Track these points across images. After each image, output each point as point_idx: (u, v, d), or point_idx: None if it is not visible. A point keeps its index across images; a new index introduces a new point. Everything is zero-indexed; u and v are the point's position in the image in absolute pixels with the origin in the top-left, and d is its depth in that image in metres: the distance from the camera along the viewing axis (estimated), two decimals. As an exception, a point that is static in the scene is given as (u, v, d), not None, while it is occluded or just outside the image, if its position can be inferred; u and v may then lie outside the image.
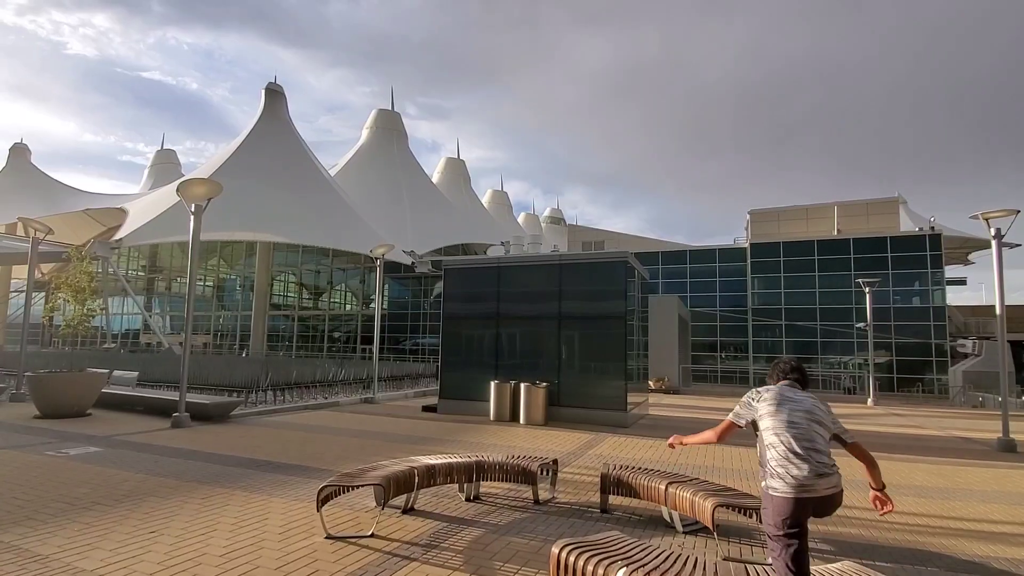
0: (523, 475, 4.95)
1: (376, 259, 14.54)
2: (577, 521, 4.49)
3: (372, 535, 3.92)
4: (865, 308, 18.58)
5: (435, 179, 56.51)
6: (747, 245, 30.45)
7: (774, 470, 2.74)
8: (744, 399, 3.01)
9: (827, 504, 2.73)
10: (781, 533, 2.67)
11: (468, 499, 5.02)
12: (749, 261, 29.68)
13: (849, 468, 6.60)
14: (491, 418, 10.61)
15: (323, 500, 3.88)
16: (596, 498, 4.96)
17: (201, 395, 11.05)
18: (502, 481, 5.02)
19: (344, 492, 4.16)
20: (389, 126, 51.33)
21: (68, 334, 11.19)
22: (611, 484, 4.80)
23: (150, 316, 43.61)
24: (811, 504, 2.67)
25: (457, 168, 60.54)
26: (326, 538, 3.82)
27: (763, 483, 2.84)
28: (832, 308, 27.68)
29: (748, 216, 33.65)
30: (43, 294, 11.89)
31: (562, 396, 10.64)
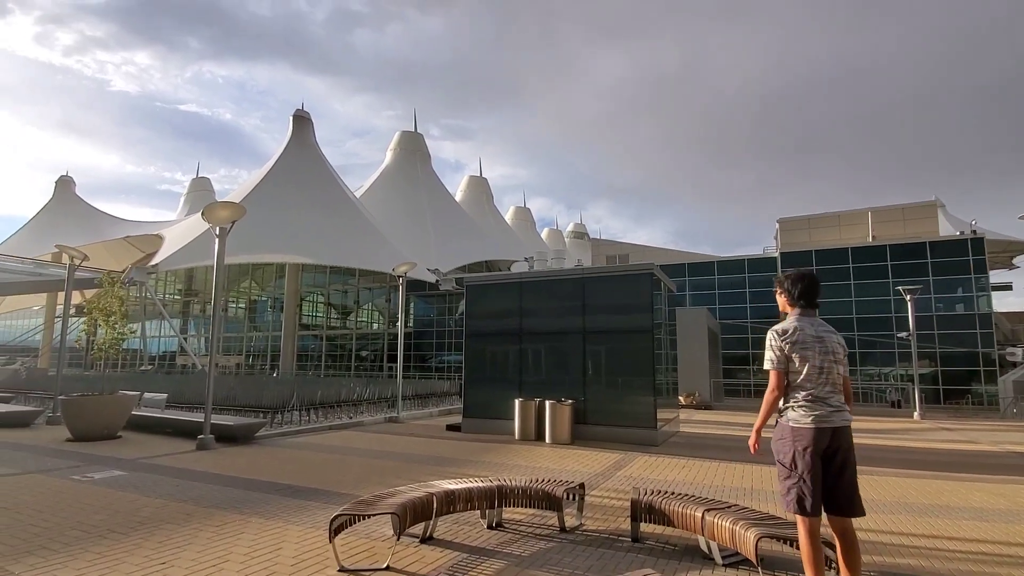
0: (547, 500, 4.69)
1: (399, 277, 14.52)
2: (607, 552, 4.21)
3: (387, 568, 3.72)
4: (906, 316, 17.73)
5: (458, 198, 56.99)
6: (777, 254, 29.62)
7: (797, 407, 3.01)
8: (771, 342, 3.12)
9: (841, 434, 2.98)
10: (799, 459, 2.92)
11: (490, 526, 4.77)
12: (780, 271, 28.83)
13: (899, 491, 6.13)
14: (516, 437, 10.34)
15: (336, 530, 3.71)
16: (627, 525, 4.66)
17: (228, 416, 11.08)
18: (525, 507, 4.76)
19: (359, 521, 3.98)
20: (412, 147, 52.10)
21: (100, 357, 11.39)
22: (642, 511, 4.50)
23: (185, 338, 44.74)
24: (828, 434, 2.94)
25: (480, 186, 60.96)
26: (339, 571, 3.63)
27: (782, 416, 3.09)
28: (870, 318, 26.59)
29: (777, 225, 32.80)
30: (83, 319, 12.21)
31: (588, 414, 10.32)
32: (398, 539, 3.86)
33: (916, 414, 16.57)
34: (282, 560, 3.83)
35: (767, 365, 3.14)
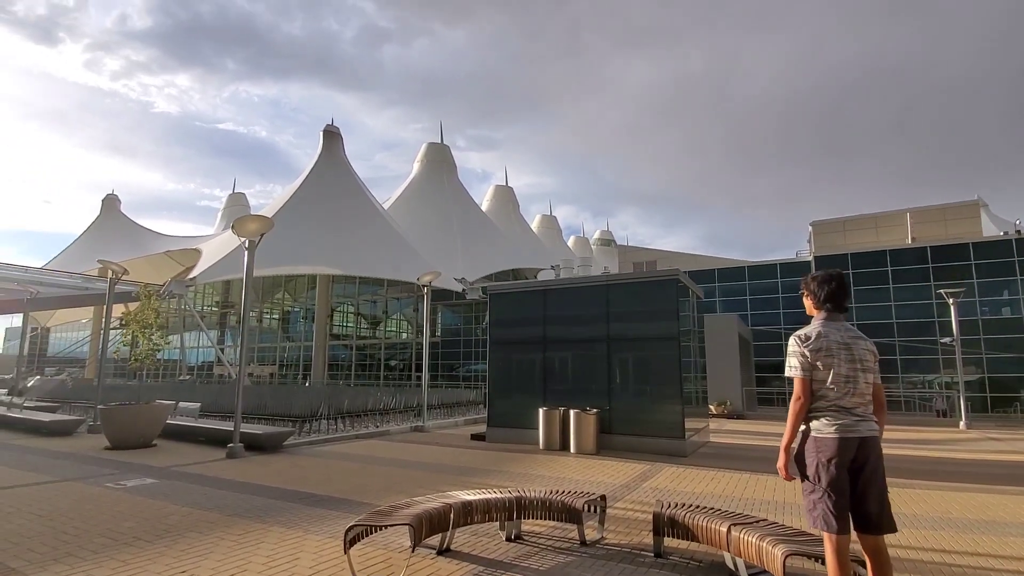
0: (567, 513, 4.59)
1: (423, 287, 14.63)
2: (627, 567, 4.08)
3: (402, 579, 3.69)
4: (949, 321, 16.93)
5: (484, 207, 57.31)
6: (811, 258, 28.75)
7: (821, 417, 2.88)
8: (794, 348, 2.98)
9: (868, 445, 2.81)
10: (823, 472, 2.78)
11: (508, 539, 4.70)
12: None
13: (942, 505, 5.79)
14: (540, 447, 10.23)
15: (351, 541, 3.69)
16: (650, 539, 4.51)
17: (257, 425, 11.29)
18: (545, 519, 4.67)
19: (375, 532, 3.96)
20: (439, 158, 52.73)
21: (136, 367, 11.78)
22: (665, 525, 4.36)
23: (221, 349, 46.04)
24: (854, 444, 2.80)
25: (506, 195, 61.20)
26: (354, 582, 3.62)
27: (805, 427, 2.95)
28: (911, 323, 25.50)
29: (811, 228, 31.88)
30: (122, 330, 12.71)
31: (614, 423, 10.13)
32: (413, 551, 3.83)
33: (962, 423, 15.75)
34: (299, 571, 3.83)
35: (789, 372, 2.99)
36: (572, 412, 9.98)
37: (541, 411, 10.35)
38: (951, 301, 16.17)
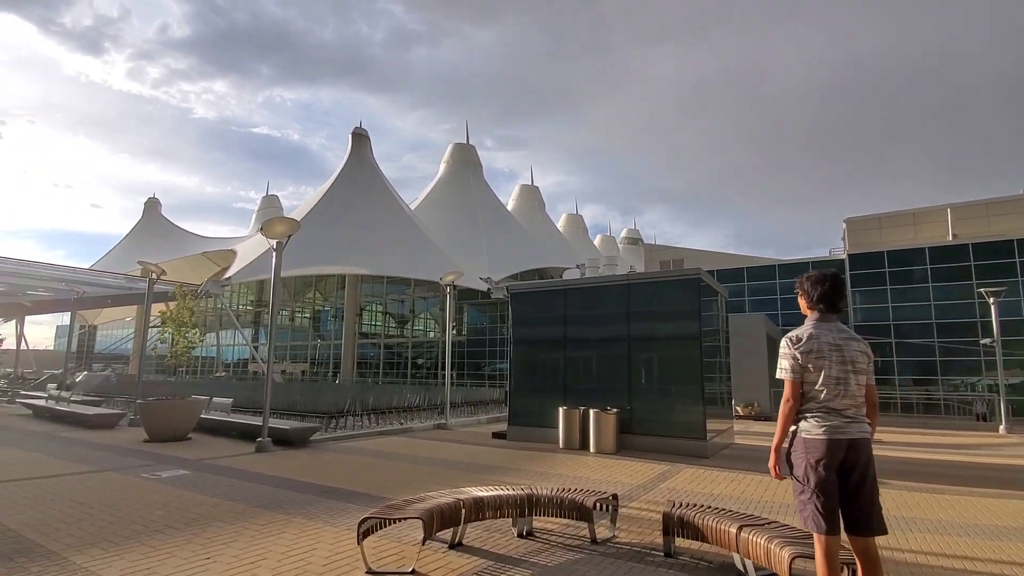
0: (578, 510, 4.64)
1: (446, 286, 14.81)
2: (636, 566, 4.10)
3: (413, 572, 3.80)
4: (991, 321, 16.24)
5: (510, 207, 57.41)
6: (845, 256, 27.90)
7: (810, 418, 2.87)
8: (785, 350, 2.97)
9: (858, 447, 2.79)
10: (812, 473, 2.77)
11: (520, 535, 4.77)
12: (848, 274, 27.08)
13: (970, 511, 5.60)
14: (560, 446, 10.26)
15: (364, 533, 3.83)
16: (661, 539, 4.52)
17: (286, 421, 11.65)
18: (556, 516, 4.73)
19: (388, 525, 4.09)
20: (465, 158, 53.06)
21: (173, 364, 12.29)
22: (675, 525, 4.36)
23: (255, 347, 47.40)
24: (844, 446, 2.78)
25: (531, 195, 61.17)
26: (367, 573, 3.75)
27: (794, 425, 2.95)
28: (953, 323, 24.49)
29: (844, 225, 30.92)
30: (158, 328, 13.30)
31: (634, 423, 10.09)
32: (423, 544, 3.94)
33: (1002, 427, 15.10)
34: (315, 560, 3.99)
35: (780, 374, 2.99)
36: (592, 411, 9.99)
37: (561, 410, 10.39)
38: (991, 300, 15.51)
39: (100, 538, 4.39)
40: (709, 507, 4.48)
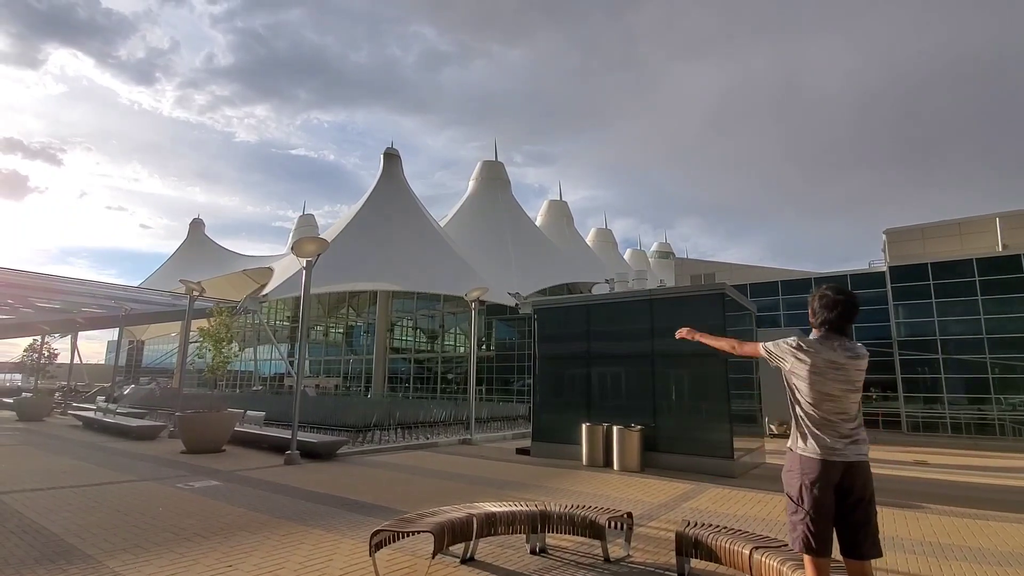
0: (591, 528, 4.63)
1: (472, 302, 14.98)
2: (647, 584, 4.07)
3: (423, 584, 3.87)
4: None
5: (538, 222, 57.72)
6: (885, 268, 26.89)
7: (804, 434, 2.82)
8: (784, 343, 2.93)
9: (856, 471, 2.74)
10: (807, 494, 2.72)
11: (533, 552, 4.78)
12: (889, 287, 26.08)
13: (1017, 539, 5.32)
14: (583, 463, 10.18)
15: (376, 545, 3.92)
16: (675, 560, 4.47)
17: (314, 434, 11.93)
18: (569, 533, 4.73)
19: (400, 538, 4.17)
20: (493, 175, 53.78)
21: (210, 377, 12.76)
22: (688, 545, 4.31)
23: (291, 362, 48.69)
24: (840, 468, 2.72)
25: (560, 210, 61.39)
26: (378, 584, 3.84)
27: (789, 442, 2.93)
28: (1006, 338, 23.22)
29: (884, 236, 29.86)
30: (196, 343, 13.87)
31: (659, 441, 9.94)
32: (433, 557, 4.00)
33: (1065, 451, 14.18)
34: (330, 571, 4.11)
35: (762, 349, 3.04)
36: (615, 428, 9.89)
37: (584, 427, 10.32)
38: (1045, 315, 14.68)
39: (133, 544, 4.63)
40: (724, 528, 4.40)
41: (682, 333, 3.65)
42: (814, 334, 3.03)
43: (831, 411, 2.79)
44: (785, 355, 2.91)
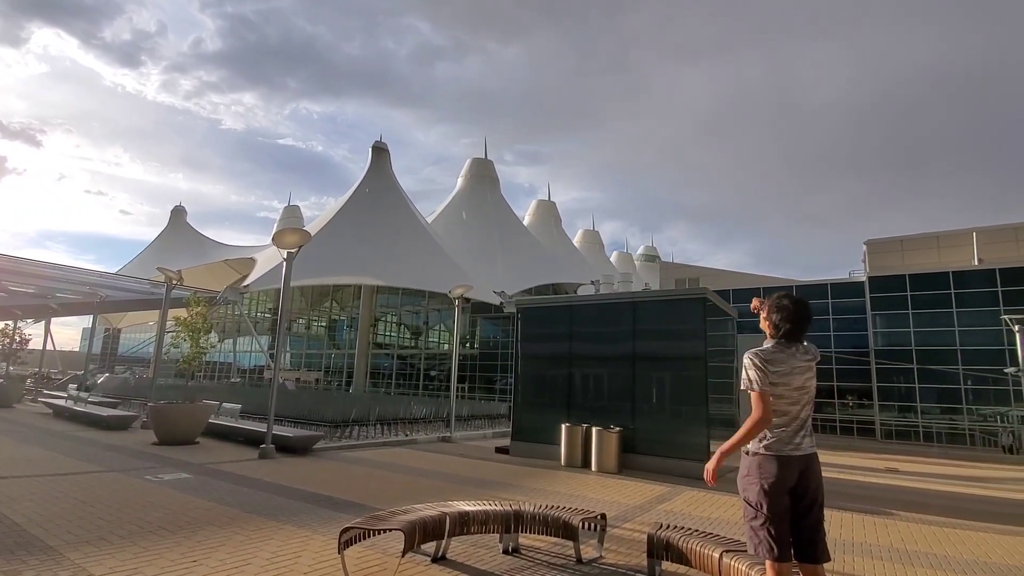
0: (564, 529, 4.61)
1: (456, 300, 14.91)
2: (618, 586, 4.07)
3: (391, 583, 3.82)
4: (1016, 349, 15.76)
5: (526, 222, 57.70)
6: (864, 279, 27.37)
7: (766, 436, 2.85)
8: (752, 361, 2.93)
9: (810, 470, 2.81)
10: (765, 499, 2.74)
11: (505, 551, 4.76)
12: (868, 297, 26.57)
13: (982, 548, 5.43)
14: (562, 463, 10.19)
15: (346, 543, 3.86)
16: (647, 561, 4.47)
17: (290, 428, 11.78)
18: (542, 534, 4.71)
19: (371, 536, 4.12)
20: (482, 173, 53.63)
21: (185, 368, 12.53)
22: (659, 547, 4.32)
23: (271, 354, 48.09)
24: (796, 466, 2.78)
25: (548, 210, 61.44)
26: (346, 582, 3.78)
27: (747, 446, 2.93)
28: (978, 350, 23.78)
29: (865, 247, 30.39)
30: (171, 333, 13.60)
31: (637, 443, 9.99)
32: (403, 556, 3.96)
33: (1030, 461, 14.56)
34: (298, 568, 4.04)
35: (746, 385, 2.89)
36: (595, 430, 9.92)
37: (563, 427, 10.33)
38: (1016, 328, 15.07)
39: (96, 536, 4.50)
40: (696, 531, 4.42)
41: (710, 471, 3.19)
42: (770, 342, 3.04)
43: (794, 416, 2.87)
44: (767, 373, 2.88)
